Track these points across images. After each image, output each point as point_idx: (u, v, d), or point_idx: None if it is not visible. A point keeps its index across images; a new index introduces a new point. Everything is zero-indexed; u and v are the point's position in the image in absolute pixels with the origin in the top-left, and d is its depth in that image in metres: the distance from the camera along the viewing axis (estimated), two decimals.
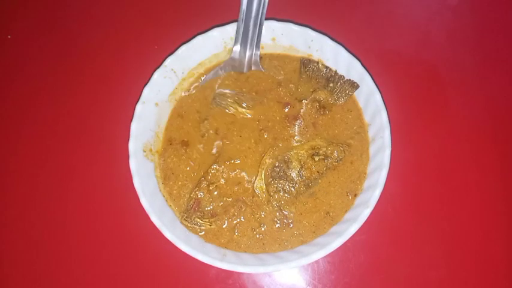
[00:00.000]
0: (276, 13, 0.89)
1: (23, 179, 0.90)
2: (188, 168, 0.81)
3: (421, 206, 0.85)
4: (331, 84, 0.83)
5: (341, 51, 0.82)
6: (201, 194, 0.77)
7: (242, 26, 0.83)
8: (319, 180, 0.78)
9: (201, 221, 0.76)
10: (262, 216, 0.77)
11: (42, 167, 0.91)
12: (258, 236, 0.76)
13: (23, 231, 0.87)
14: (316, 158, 0.77)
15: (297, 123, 0.81)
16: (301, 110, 0.81)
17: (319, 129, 0.81)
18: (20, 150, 0.92)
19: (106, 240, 0.85)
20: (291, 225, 0.76)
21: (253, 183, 0.78)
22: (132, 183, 0.75)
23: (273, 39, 0.87)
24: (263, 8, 0.82)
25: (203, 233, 0.77)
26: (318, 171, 0.77)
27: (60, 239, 0.86)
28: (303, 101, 0.82)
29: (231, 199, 0.78)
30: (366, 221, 0.72)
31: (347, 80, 0.83)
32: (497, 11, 0.99)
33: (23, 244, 0.86)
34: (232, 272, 0.81)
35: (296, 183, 0.76)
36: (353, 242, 0.82)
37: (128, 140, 0.78)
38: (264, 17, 0.83)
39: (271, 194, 0.76)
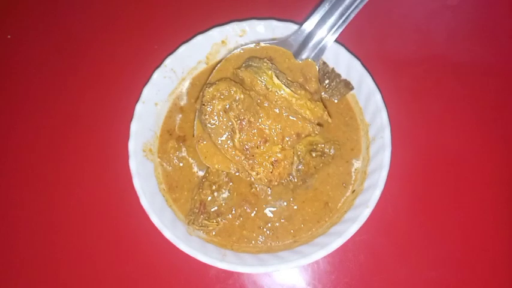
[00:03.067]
0: (276, 13, 0.89)
1: (22, 179, 0.90)
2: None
3: (421, 206, 0.85)
4: (326, 81, 0.83)
5: (341, 51, 0.82)
6: (205, 194, 0.77)
7: (327, 8, 0.70)
8: (316, 175, 0.79)
9: (208, 222, 0.76)
10: (267, 211, 0.78)
11: (41, 166, 0.91)
12: (268, 232, 0.77)
13: (23, 231, 0.87)
14: (314, 154, 0.77)
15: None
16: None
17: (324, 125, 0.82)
18: (20, 150, 0.92)
19: (106, 240, 0.85)
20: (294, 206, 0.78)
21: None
22: (132, 183, 0.75)
23: (273, 39, 0.86)
24: None
25: (213, 233, 0.78)
26: (315, 167, 0.78)
27: (60, 239, 0.86)
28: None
29: (234, 196, 0.78)
30: (366, 221, 0.72)
31: (343, 79, 0.83)
32: (497, 10, 0.99)
33: (23, 244, 0.86)
34: (232, 272, 0.81)
35: (294, 178, 0.77)
36: (353, 242, 0.82)
37: (128, 140, 0.78)
38: (357, 11, 0.69)
39: (270, 187, 0.77)
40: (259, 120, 0.68)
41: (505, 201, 0.85)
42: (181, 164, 0.82)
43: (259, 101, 0.69)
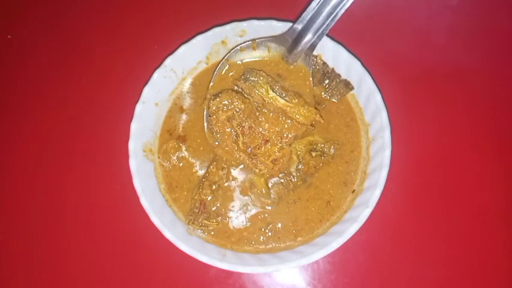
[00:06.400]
0: (276, 13, 0.89)
1: (22, 178, 0.90)
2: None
3: (421, 206, 0.85)
4: (326, 81, 0.83)
5: (341, 51, 0.82)
6: (205, 194, 0.77)
7: (316, 8, 0.75)
8: (316, 174, 0.79)
9: (208, 222, 0.76)
10: (267, 212, 0.78)
11: (42, 166, 0.91)
12: (269, 233, 0.77)
13: (23, 231, 0.87)
14: (314, 154, 0.78)
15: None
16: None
17: (317, 125, 0.82)
18: (20, 150, 0.92)
19: (106, 240, 0.85)
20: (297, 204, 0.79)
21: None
22: (132, 183, 0.75)
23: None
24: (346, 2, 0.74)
25: (212, 233, 0.78)
26: (314, 166, 0.78)
27: (60, 239, 0.86)
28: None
29: (234, 196, 0.78)
30: (366, 221, 0.72)
31: (343, 79, 0.83)
32: (497, 10, 0.99)
33: (22, 244, 0.86)
34: (232, 272, 0.81)
35: (294, 177, 0.77)
36: (353, 242, 0.82)
37: (128, 140, 0.78)
38: (343, 11, 0.74)
39: (270, 187, 0.77)
40: (260, 125, 0.75)
41: (505, 201, 0.85)
42: (181, 164, 0.82)
43: (258, 107, 0.76)
